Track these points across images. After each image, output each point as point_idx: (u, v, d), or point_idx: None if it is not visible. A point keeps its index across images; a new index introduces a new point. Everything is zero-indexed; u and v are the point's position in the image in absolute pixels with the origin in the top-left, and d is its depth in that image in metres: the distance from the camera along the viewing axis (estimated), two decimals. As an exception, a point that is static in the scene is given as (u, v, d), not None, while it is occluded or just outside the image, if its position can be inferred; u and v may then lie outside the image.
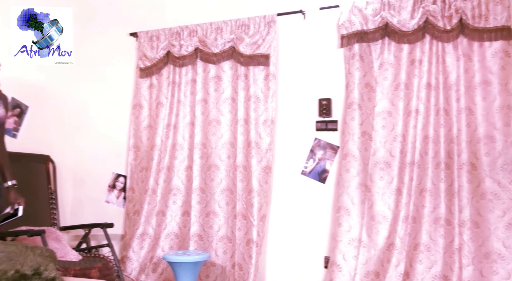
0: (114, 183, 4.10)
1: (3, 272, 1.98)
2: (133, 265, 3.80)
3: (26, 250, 2.19)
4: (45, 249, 2.32)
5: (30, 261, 2.10)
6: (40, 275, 2.07)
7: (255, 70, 3.67)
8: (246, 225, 3.61)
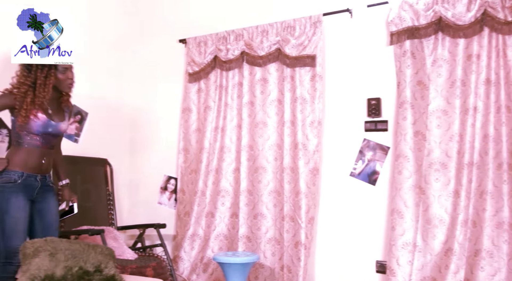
0: (166, 185, 3.83)
1: (68, 268, 1.98)
2: (184, 264, 3.51)
3: (88, 248, 2.18)
4: (105, 247, 2.32)
5: (92, 258, 2.11)
6: (101, 272, 2.06)
7: (301, 71, 3.27)
8: (294, 227, 3.21)
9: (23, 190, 2.28)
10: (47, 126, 2.33)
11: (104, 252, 2.26)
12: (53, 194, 2.48)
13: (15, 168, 2.28)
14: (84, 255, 2.13)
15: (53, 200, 2.46)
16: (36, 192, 2.36)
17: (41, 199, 2.39)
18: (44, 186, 2.39)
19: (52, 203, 2.45)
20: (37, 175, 2.35)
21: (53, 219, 2.45)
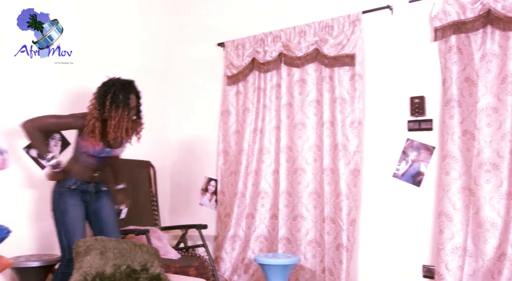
0: (206, 186, 3.79)
1: (117, 266, 2.01)
2: (226, 265, 3.43)
3: (135, 248, 2.20)
4: (150, 247, 2.33)
5: (138, 257, 2.12)
6: (147, 271, 2.07)
7: (340, 71, 3.11)
8: (335, 229, 3.06)
9: (78, 194, 2.46)
10: (102, 152, 2.47)
11: (149, 252, 2.28)
12: (106, 195, 2.59)
13: (71, 177, 2.45)
14: (131, 254, 2.15)
15: (106, 200, 2.58)
16: (90, 196, 2.51)
17: (96, 201, 2.54)
18: (98, 191, 2.55)
19: (106, 204, 2.56)
20: (91, 183, 2.51)
21: (109, 217, 2.55)
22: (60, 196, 2.43)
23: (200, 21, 3.89)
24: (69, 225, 2.40)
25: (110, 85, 2.42)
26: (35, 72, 2.71)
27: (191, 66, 3.90)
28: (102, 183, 2.59)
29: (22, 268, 2.63)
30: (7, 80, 2.60)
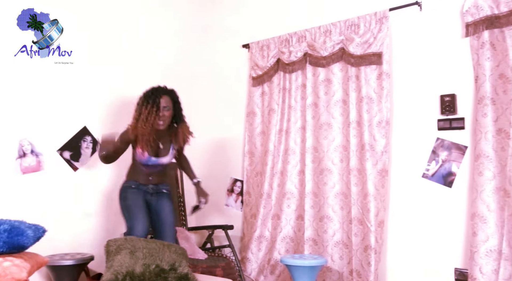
0: (232, 187, 3.75)
1: (146, 265, 2.01)
2: (252, 266, 3.38)
3: (164, 247, 2.21)
4: (178, 247, 2.34)
5: (167, 257, 2.12)
6: (176, 270, 2.06)
7: (366, 70, 3.02)
8: (362, 230, 2.96)
9: (139, 191, 2.69)
10: (148, 161, 2.64)
11: (177, 252, 2.28)
12: (166, 197, 2.74)
13: (131, 179, 2.71)
14: (160, 253, 2.15)
15: (166, 201, 2.71)
16: (150, 196, 2.70)
17: (156, 202, 2.70)
18: (157, 193, 2.72)
19: (165, 204, 2.70)
20: (149, 185, 2.70)
21: (166, 217, 2.67)
22: (124, 190, 2.69)
23: (225, 22, 3.86)
24: (130, 207, 2.59)
25: (145, 93, 2.63)
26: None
27: (216, 68, 3.88)
28: (161, 185, 2.74)
29: (56, 266, 2.67)
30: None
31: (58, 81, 2.90)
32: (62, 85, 2.93)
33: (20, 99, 2.78)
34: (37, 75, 2.76)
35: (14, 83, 2.70)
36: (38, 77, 2.78)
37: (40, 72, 2.76)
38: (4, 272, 1.81)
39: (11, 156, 2.72)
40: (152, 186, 2.72)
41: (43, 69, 2.73)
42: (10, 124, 2.72)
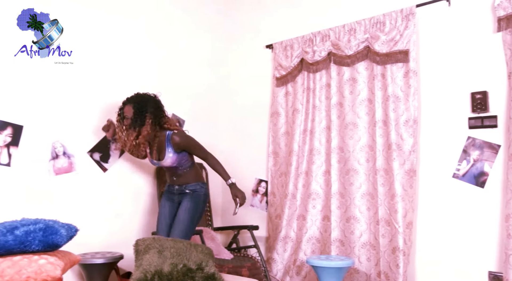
0: (257, 188, 3.72)
1: (174, 265, 2.02)
2: (278, 266, 3.34)
3: (191, 247, 2.22)
4: (204, 247, 2.33)
5: (194, 257, 2.12)
6: (203, 270, 2.06)
7: (392, 68, 2.93)
8: (390, 232, 2.88)
9: (168, 195, 2.86)
10: (154, 164, 2.82)
11: (204, 251, 2.28)
12: (188, 196, 2.75)
13: (167, 181, 2.90)
14: (187, 253, 2.15)
15: (186, 200, 2.74)
16: (177, 196, 2.81)
17: (180, 201, 2.78)
18: (181, 193, 2.79)
19: (183, 203, 2.74)
20: (175, 186, 2.81)
21: (180, 214, 2.71)
22: (162, 195, 2.94)
23: (248, 23, 3.83)
24: (158, 217, 2.85)
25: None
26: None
27: (239, 69, 3.85)
28: (186, 185, 2.79)
29: (88, 265, 2.71)
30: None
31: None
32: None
33: (52, 101, 2.84)
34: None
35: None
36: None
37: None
38: (40, 269, 1.86)
39: (45, 158, 2.78)
40: (177, 187, 2.80)
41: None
42: (43, 127, 2.79)
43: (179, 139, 2.70)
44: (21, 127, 2.65)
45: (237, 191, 2.76)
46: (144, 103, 2.64)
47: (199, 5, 3.79)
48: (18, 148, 2.63)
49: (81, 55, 2.89)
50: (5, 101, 2.63)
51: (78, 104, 2.97)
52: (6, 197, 2.60)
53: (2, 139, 2.56)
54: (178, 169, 2.79)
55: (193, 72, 3.71)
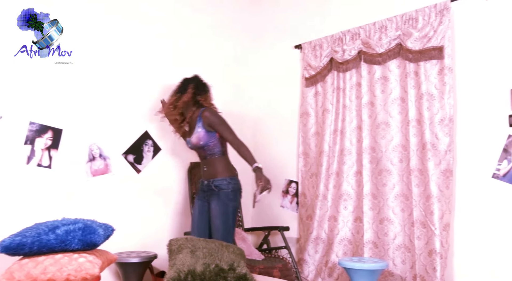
0: (287, 188, 3.68)
1: (206, 265, 2.02)
2: (309, 267, 3.30)
3: (222, 247, 2.22)
4: (236, 247, 2.31)
5: (226, 257, 2.13)
6: (234, 270, 2.06)
7: (426, 65, 2.82)
8: (426, 234, 2.77)
9: (199, 193, 2.80)
10: (187, 143, 2.81)
11: (235, 252, 2.28)
12: (216, 196, 2.68)
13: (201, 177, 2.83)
14: (219, 253, 2.15)
15: (214, 205, 2.67)
16: (206, 194, 2.74)
17: (210, 200, 2.71)
18: (209, 190, 2.71)
19: (213, 209, 2.66)
20: (204, 180, 2.74)
21: (214, 222, 2.66)
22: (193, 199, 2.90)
23: (276, 24, 3.80)
24: (192, 219, 2.84)
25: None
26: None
27: (268, 70, 3.83)
28: (212, 180, 2.68)
29: (124, 263, 2.77)
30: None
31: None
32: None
33: (89, 105, 2.92)
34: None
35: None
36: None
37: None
38: (80, 267, 1.92)
39: (83, 160, 2.86)
40: (206, 182, 2.72)
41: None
42: (81, 130, 2.87)
43: (208, 114, 2.71)
44: (60, 130, 2.74)
45: (261, 176, 2.50)
46: (192, 78, 2.87)
47: (225, 5, 3.78)
48: (58, 151, 2.72)
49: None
50: (45, 105, 2.72)
51: (113, 107, 3.04)
52: (48, 197, 2.69)
53: (43, 142, 2.66)
54: (206, 152, 2.70)
55: (220, 73, 3.72)
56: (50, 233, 1.96)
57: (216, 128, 2.71)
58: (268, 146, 3.81)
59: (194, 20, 3.56)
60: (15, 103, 2.61)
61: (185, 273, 2.03)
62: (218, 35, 3.73)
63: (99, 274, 2.02)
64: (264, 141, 3.84)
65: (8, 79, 2.54)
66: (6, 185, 2.55)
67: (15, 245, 1.90)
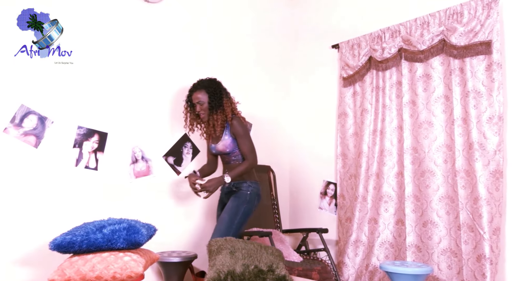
0: (325, 190, 3.59)
1: (246, 266, 2.02)
2: (349, 271, 3.19)
3: (261, 249, 2.20)
4: (274, 249, 2.29)
5: (264, 258, 2.11)
6: (273, 272, 2.04)
7: (472, 61, 2.66)
8: (474, 238, 2.61)
9: (222, 196, 2.83)
10: (211, 149, 2.80)
11: (274, 253, 2.25)
12: (233, 194, 2.70)
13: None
14: (258, 254, 2.13)
15: (229, 202, 2.69)
16: (226, 196, 2.77)
17: (228, 200, 2.73)
18: (229, 191, 2.75)
19: (229, 203, 2.68)
20: (225, 184, 2.74)
21: (220, 217, 2.67)
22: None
23: (313, 24, 3.73)
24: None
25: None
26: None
27: (305, 70, 3.76)
28: (235, 183, 2.71)
29: (166, 263, 2.80)
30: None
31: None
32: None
33: (131, 108, 2.97)
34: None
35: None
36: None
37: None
38: (125, 266, 1.95)
39: (126, 162, 2.92)
40: (226, 185, 2.76)
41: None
42: (124, 133, 2.93)
43: (235, 122, 2.69)
44: (105, 134, 2.80)
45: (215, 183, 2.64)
46: (217, 86, 2.72)
47: (263, 5, 3.74)
48: (103, 153, 2.79)
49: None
50: (92, 110, 2.80)
51: (153, 111, 3.08)
52: (95, 198, 2.76)
53: (90, 146, 2.73)
54: (231, 158, 2.71)
55: (261, 72, 3.69)
56: (97, 232, 2.01)
57: (238, 138, 2.70)
58: (305, 147, 3.74)
59: (229, 20, 3.55)
60: (64, 109, 2.69)
61: (225, 273, 2.02)
62: (256, 36, 3.68)
63: (143, 272, 2.04)
64: (301, 142, 3.78)
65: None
66: (58, 186, 2.64)
67: (66, 243, 1.97)
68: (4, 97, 2.49)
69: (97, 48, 2.79)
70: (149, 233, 2.16)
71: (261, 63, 3.71)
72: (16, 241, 2.45)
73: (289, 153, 3.83)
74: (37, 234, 2.50)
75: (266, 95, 3.74)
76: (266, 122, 3.72)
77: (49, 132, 2.61)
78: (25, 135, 2.52)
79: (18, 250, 2.45)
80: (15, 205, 2.49)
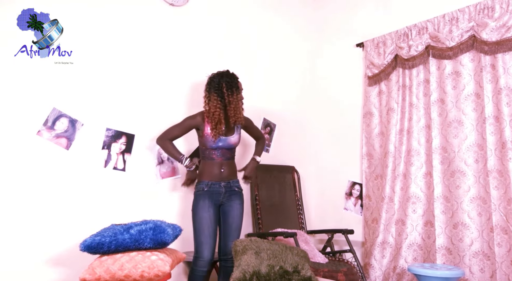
0: (351, 190, 3.52)
1: (271, 266, 1.99)
2: (376, 273, 3.12)
3: (286, 249, 2.17)
4: (300, 250, 2.25)
5: (290, 259, 2.08)
6: (299, 273, 2.01)
7: (505, 57, 2.55)
8: (508, 240, 2.49)
9: (210, 196, 2.46)
10: (219, 141, 2.47)
11: (299, 254, 2.22)
12: (238, 196, 2.54)
13: (203, 179, 2.49)
14: (283, 255, 2.11)
15: (237, 202, 2.53)
16: (222, 197, 2.49)
17: (227, 202, 2.51)
18: (229, 191, 2.51)
19: (235, 205, 2.52)
20: (221, 182, 2.48)
21: (233, 220, 2.50)
22: (195, 199, 2.49)
23: (337, 23, 3.66)
24: (197, 225, 2.42)
25: (220, 77, 2.48)
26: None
27: (330, 69, 3.69)
28: (233, 181, 2.54)
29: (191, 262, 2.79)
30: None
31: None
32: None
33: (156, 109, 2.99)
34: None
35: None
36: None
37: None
38: (152, 265, 1.97)
39: (152, 163, 2.95)
40: (224, 183, 2.49)
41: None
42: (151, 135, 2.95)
43: (246, 116, 2.66)
44: (133, 136, 2.84)
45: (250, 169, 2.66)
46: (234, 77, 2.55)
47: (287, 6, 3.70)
48: (131, 155, 2.82)
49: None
50: (119, 112, 2.84)
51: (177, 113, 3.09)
52: (123, 198, 2.80)
53: (118, 147, 2.77)
54: (231, 154, 2.57)
55: (284, 72, 3.65)
56: (125, 233, 2.03)
57: (250, 128, 2.70)
58: (330, 147, 3.68)
59: (253, 22, 3.53)
60: (93, 111, 2.74)
61: (250, 274, 2.00)
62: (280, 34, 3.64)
63: (170, 271, 2.05)
64: (326, 142, 3.72)
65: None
66: (88, 187, 2.68)
67: (95, 244, 2.00)
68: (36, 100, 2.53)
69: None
70: (174, 233, 2.17)
71: (286, 64, 3.68)
72: (48, 241, 2.50)
73: (314, 153, 3.78)
74: (68, 234, 2.54)
75: (291, 96, 3.70)
76: (291, 122, 3.68)
77: (79, 135, 2.66)
78: (57, 137, 2.57)
79: (50, 250, 2.50)
80: (48, 206, 2.55)
